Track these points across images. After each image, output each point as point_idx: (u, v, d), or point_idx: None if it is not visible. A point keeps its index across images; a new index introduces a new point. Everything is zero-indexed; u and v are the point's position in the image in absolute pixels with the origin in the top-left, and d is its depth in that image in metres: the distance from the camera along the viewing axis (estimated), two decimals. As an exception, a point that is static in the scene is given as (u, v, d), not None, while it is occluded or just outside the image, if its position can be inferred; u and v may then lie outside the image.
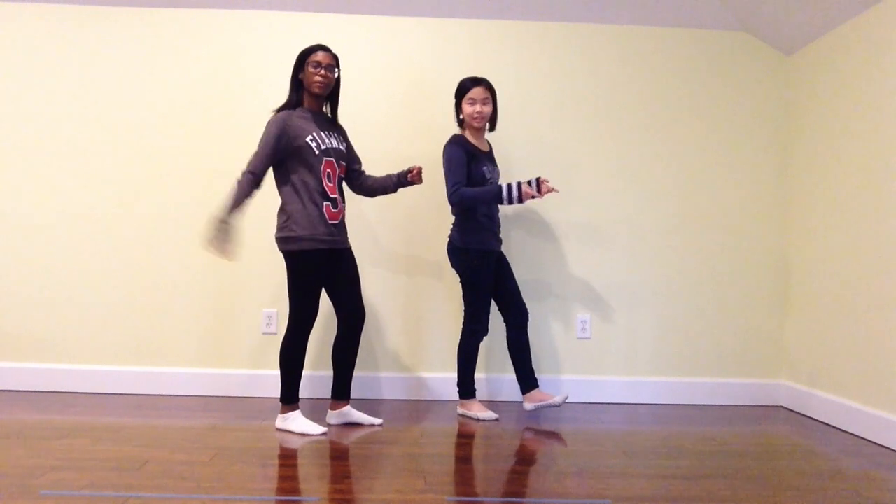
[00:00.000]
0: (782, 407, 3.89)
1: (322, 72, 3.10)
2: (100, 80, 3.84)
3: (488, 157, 3.49)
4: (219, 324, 3.83)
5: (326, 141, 3.11)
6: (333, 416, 3.25)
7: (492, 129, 3.51)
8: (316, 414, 3.29)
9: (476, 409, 3.44)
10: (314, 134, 3.08)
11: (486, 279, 3.41)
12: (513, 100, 3.85)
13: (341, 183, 3.20)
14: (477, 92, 3.38)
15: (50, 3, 3.83)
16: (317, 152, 3.06)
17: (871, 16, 3.27)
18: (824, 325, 3.57)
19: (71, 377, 3.78)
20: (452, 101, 3.55)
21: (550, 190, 3.34)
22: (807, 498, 2.40)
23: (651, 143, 3.94)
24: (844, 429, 3.35)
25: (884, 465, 2.80)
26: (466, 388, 3.47)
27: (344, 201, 3.20)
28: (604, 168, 3.93)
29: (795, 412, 3.76)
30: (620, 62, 3.94)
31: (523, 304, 3.52)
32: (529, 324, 3.60)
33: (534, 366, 3.71)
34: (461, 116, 3.45)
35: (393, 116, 3.89)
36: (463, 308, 3.48)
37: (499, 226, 3.50)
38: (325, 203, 3.07)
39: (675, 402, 3.90)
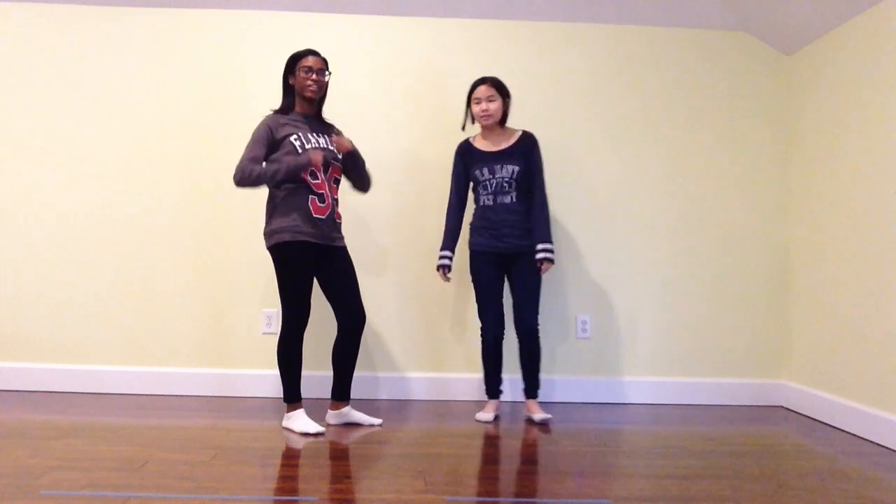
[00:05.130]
0: (782, 407, 3.89)
1: (314, 76, 3.12)
2: (100, 81, 3.84)
3: (496, 156, 3.40)
4: (219, 324, 3.83)
5: (312, 141, 3.11)
6: (333, 417, 3.25)
7: (501, 124, 3.44)
8: (316, 414, 3.29)
9: (484, 409, 3.46)
10: (299, 134, 3.10)
11: (482, 279, 3.40)
12: (513, 100, 3.84)
13: (332, 182, 3.15)
14: (481, 91, 3.37)
15: (49, 4, 3.83)
16: (300, 151, 3.07)
17: (871, 16, 3.27)
18: (824, 326, 3.57)
19: (71, 377, 3.78)
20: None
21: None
22: (807, 498, 2.39)
23: (651, 144, 3.94)
24: (844, 429, 3.35)
25: (884, 465, 2.80)
26: (485, 387, 3.49)
27: (335, 200, 3.17)
28: (603, 168, 3.93)
29: (795, 412, 3.76)
30: (621, 62, 3.94)
31: (522, 316, 3.38)
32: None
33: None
34: (471, 117, 3.45)
35: (398, 117, 3.89)
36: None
37: (500, 227, 3.38)
38: (310, 197, 3.06)
39: (675, 402, 3.90)
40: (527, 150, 3.42)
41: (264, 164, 3.09)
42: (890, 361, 3.08)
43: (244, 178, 3.04)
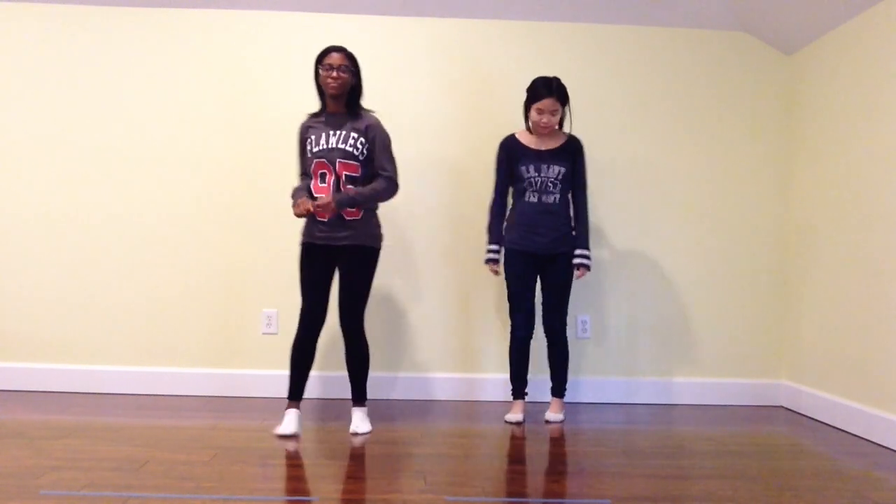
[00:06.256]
0: (782, 407, 3.89)
1: (334, 73, 3.06)
2: (104, 81, 3.84)
3: (545, 154, 3.36)
4: (219, 324, 3.83)
5: (323, 143, 3.08)
6: None
7: (559, 127, 3.42)
8: (316, 414, 3.28)
9: (511, 410, 3.44)
10: (313, 137, 3.11)
11: (516, 278, 3.37)
12: (510, 100, 3.83)
13: (339, 183, 3.07)
14: (546, 104, 3.28)
15: (53, 4, 3.83)
16: (309, 155, 3.11)
17: (871, 16, 3.27)
18: (824, 326, 3.57)
19: (71, 377, 3.78)
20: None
21: None
22: (807, 498, 2.40)
23: (650, 144, 3.94)
24: (844, 429, 3.35)
25: (884, 465, 2.80)
26: (512, 387, 3.47)
27: None
28: (601, 168, 3.92)
29: (795, 412, 3.76)
30: (620, 62, 3.94)
31: (552, 319, 3.41)
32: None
33: (539, 367, 3.72)
34: (528, 119, 3.39)
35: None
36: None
37: (540, 227, 3.35)
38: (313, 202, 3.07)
39: (675, 402, 3.90)
40: (573, 152, 3.41)
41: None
42: (890, 361, 3.08)
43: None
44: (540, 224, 3.35)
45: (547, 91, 3.29)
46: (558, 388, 3.48)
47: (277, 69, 3.85)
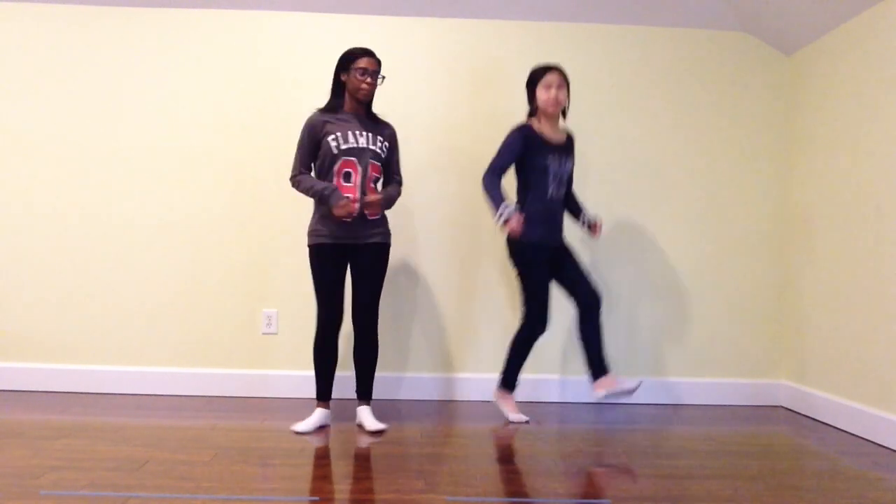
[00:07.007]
0: (782, 407, 3.89)
1: (369, 79, 3.08)
2: (104, 81, 3.84)
3: (560, 148, 3.37)
4: (219, 324, 3.83)
5: (351, 140, 3.07)
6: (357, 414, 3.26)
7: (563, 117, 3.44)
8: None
9: (510, 408, 3.43)
10: (338, 133, 3.07)
11: (542, 271, 3.32)
12: (510, 100, 3.84)
13: (366, 182, 3.09)
14: (552, 78, 3.30)
15: (53, 4, 3.83)
16: (335, 151, 3.06)
17: (871, 16, 3.27)
18: (824, 326, 3.57)
19: (71, 377, 3.78)
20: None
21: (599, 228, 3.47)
22: (807, 498, 2.40)
23: (650, 144, 3.94)
24: (844, 429, 3.35)
25: (884, 465, 2.80)
26: (506, 378, 3.42)
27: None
28: (602, 168, 3.93)
29: (795, 412, 3.76)
30: (620, 62, 3.94)
31: (591, 289, 3.34)
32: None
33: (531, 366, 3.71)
34: (535, 105, 3.35)
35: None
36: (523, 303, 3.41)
37: (558, 220, 3.38)
38: None
39: (675, 402, 3.90)
40: (573, 147, 3.51)
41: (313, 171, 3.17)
42: (890, 361, 3.08)
43: (293, 186, 3.17)
44: (557, 217, 3.39)
45: (547, 68, 3.34)
46: (605, 363, 3.37)
47: (277, 69, 3.85)
